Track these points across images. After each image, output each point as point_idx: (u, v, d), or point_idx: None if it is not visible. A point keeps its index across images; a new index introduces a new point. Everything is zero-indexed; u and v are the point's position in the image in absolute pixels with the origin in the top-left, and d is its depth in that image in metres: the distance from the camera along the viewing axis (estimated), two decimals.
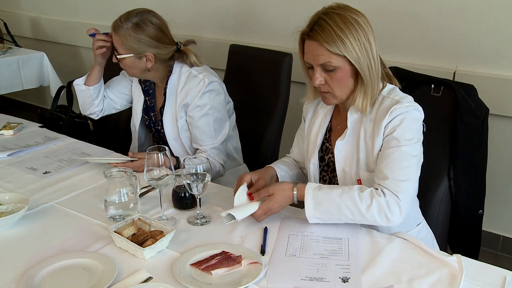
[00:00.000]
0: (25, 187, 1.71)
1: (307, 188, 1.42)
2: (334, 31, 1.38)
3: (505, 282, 1.19)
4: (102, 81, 2.09)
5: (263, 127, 2.27)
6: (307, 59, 1.46)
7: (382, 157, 1.43)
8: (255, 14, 3.07)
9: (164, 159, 1.46)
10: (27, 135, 2.21)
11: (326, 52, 1.39)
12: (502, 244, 2.66)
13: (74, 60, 4.25)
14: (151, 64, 1.89)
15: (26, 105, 4.76)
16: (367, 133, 1.48)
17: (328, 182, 1.62)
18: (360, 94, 1.45)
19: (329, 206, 1.39)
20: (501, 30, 2.31)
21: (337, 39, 1.38)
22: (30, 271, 1.22)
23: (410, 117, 1.42)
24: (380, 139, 1.45)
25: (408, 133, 1.41)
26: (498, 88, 2.34)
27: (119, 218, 1.47)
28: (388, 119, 1.42)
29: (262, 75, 2.32)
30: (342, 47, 1.38)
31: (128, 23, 1.82)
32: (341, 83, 1.45)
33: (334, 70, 1.42)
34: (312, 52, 1.43)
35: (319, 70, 1.43)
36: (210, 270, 1.22)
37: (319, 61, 1.41)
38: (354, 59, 1.40)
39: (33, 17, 4.41)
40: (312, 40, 1.41)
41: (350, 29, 1.39)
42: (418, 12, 2.49)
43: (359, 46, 1.40)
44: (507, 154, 2.48)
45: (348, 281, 1.20)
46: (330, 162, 1.60)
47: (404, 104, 1.42)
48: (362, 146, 1.49)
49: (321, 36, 1.38)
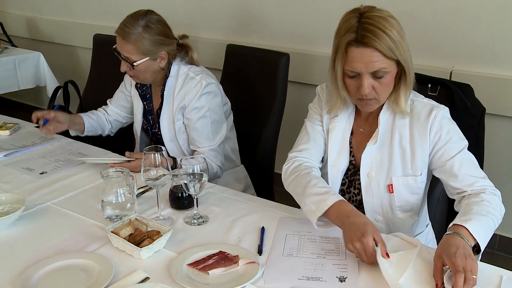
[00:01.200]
0: (22, 188, 1.70)
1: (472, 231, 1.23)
2: (386, 33, 1.30)
3: (501, 281, 1.19)
4: (89, 119, 2.14)
5: (260, 127, 2.27)
6: (356, 68, 1.34)
7: (454, 166, 1.40)
8: (252, 14, 3.07)
9: (161, 159, 1.46)
10: (24, 135, 2.21)
11: (381, 58, 1.32)
12: (498, 243, 2.67)
13: (71, 60, 4.24)
14: (164, 63, 1.90)
15: (22, 105, 4.74)
16: (403, 138, 1.45)
17: (348, 185, 1.57)
18: (403, 95, 1.41)
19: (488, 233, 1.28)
20: (497, 29, 2.32)
21: (390, 42, 1.31)
22: (27, 272, 1.22)
23: (450, 119, 1.44)
24: (424, 147, 1.43)
25: (460, 134, 1.43)
26: (494, 88, 2.35)
27: (116, 218, 1.47)
28: (433, 127, 1.41)
29: (259, 75, 2.32)
30: (396, 50, 1.32)
31: (137, 27, 1.80)
32: (387, 87, 1.40)
33: (384, 76, 1.35)
34: (364, 60, 1.32)
35: (369, 78, 1.35)
36: (207, 270, 1.22)
37: (373, 68, 1.33)
38: (404, 60, 1.35)
39: (29, 17, 4.40)
40: (364, 47, 1.31)
41: (396, 28, 1.32)
42: (414, 12, 2.49)
43: (405, 45, 1.35)
44: (503, 153, 2.49)
45: (345, 281, 1.20)
46: (350, 166, 1.55)
47: (440, 107, 1.42)
48: (397, 150, 1.45)
49: (375, 41, 1.29)
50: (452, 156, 1.41)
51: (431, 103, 1.45)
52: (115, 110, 2.22)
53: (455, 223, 1.25)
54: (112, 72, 2.17)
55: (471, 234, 1.21)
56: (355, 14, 1.35)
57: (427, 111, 1.43)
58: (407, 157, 1.45)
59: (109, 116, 2.23)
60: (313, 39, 2.82)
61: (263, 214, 1.54)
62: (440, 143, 1.42)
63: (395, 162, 1.46)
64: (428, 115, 1.42)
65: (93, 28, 3.24)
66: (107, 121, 2.23)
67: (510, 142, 2.46)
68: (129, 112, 2.22)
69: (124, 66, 1.87)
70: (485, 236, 1.25)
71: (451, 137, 1.41)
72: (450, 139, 1.41)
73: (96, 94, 2.85)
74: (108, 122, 2.23)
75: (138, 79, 1.94)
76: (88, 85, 2.98)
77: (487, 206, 1.31)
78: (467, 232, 1.22)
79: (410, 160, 1.44)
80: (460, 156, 1.40)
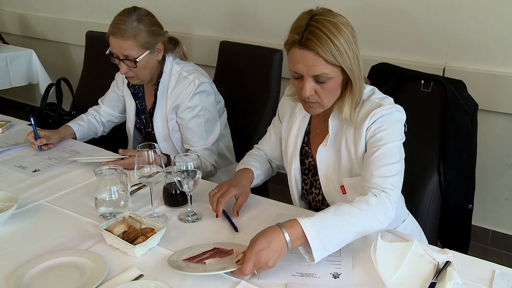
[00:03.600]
0: (14, 186, 1.70)
1: (307, 234, 1.19)
2: (330, 39, 1.27)
3: (493, 275, 1.20)
4: (79, 127, 2.14)
5: (254, 124, 2.27)
6: (298, 69, 1.34)
7: (367, 159, 1.38)
8: (246, 11, 3.07)
9: (154, 156, 1.45)
10: (16, 133, 2.19)
11: (322, 63, 1.30)
12: (491, 238, 2.69)
13: (63, 58, 4.22)
14: (161, 55, 1.91)
15: (14, 103, 4.72)
16: (348, 139, 1.44)
17: (310, 185, 1.59)
18: (348, 103, 1.40)
19: (334, 242, 1.23)
20: (490, 26, 2.33)
21: (334, 48, 1.28)
22: (20, 270, 1.21)
23: (392, 118, 1.39)
24: (362, 143, 1.41)
25: (392, 133, 1.37)
26: (487, 84, 2.36)
27: (109, 216, 1.46)
28: (369, 122, 1.38)
29: (252, 71, 2.32)
30: (339, 56, 1.29)
31: (132, 22, 1.79)
32: (331, 93, 1.38)
33: (327, 81, 1.34)
34: (306, 63, 1.31)
35: (311, 81, 1.34)
36: (203, 261, 1.24)
37: (315, 72, 1.31)
38: (349, 68, 1.33)
39: (21, 14, 4.37)
40: (306, 50, 1.29)
41: (343, 36, 1.30)
42: (407, 9, 2.50)
43: (352, 54, 1.32)
44: (495, 149, 2.50)
45: (339, 277, 1.21)
46: (310, 166, 1.58)
47: (386, 107, 1.38)
48: (344, 152, 1.45)
49: (317, 45, 1.27)
50: (370, 149, 1.37)
51: (380, 103, 1.40)
52: (108, 111, 2.21)
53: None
54: (104, 69, 2.16)
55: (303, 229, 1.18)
56: (307, 15, 1.33)
57: (368, 111, 1.39)
58: (352, 158, 1.44)
59: (102, 117, 2.22)
60: None
61: (257, 211, 1.54)
62: (369, 137, 1.39)
63: (343, 164, 1.46)
64: (367, 114, 1.38)
65: (86, 25, 3.22)
66: (99, 123, 2.22)
67: (502, 138, 2.48)
68: (121, 111, 2.22)
69: (125, 67, 1.84)
70: (320, 231, 1.19)
71: (384, 134, 1.36)
72: (382, 135, 1.36)
73: (89, 92, 2.84)
74: (101, 124, 2.23)
75: (138, 78, 1.91)
76: (81, 82, 2.96)
77: (350, 217, 1.24)
78: (298, 227, 1.19)
79: (355, 160, 1.43)
80: (375, 149, 1.36)
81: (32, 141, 1.97)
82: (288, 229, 1.20)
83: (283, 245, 1.19)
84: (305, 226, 1.19)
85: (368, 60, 2.29)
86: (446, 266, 1.21)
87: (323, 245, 1.19)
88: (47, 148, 2.00)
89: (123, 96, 2.15)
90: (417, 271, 1.21)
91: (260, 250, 1.17)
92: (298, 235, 1.19)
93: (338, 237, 1.22)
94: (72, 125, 2.14)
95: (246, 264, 1.16)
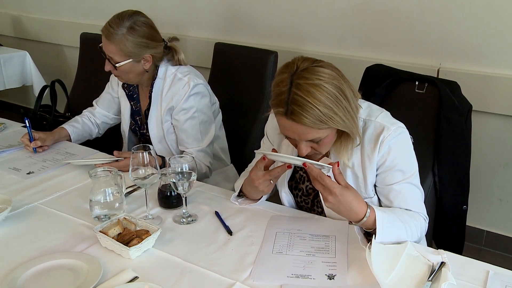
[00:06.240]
0: (8, 188, 1.69)
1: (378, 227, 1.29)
2: (316, 108, 1.22)
3: (488, 276, 1.21)
4: (74, 129, 2.14)
5: (249, 125, 2.27)
6: (290, 136, 1.33)
7: (391, 193, 1.42)
8: (241, 12, 3.07)
9: (149, 158, 1.45)
10: (10, 135, 2.19)
11: (313, 131, 1.27)
12: (485, 239, 2.70)
13: (58, 59, 4.20)
14: (149, 65, 1.88)
15: (8, 105, 4.70)
16: (355, 164, 1.44)
17: (311, 204, 1.58)
18: (346, 148, 1.39)
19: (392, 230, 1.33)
20: (484, 28, 2.34)
21: (322, 116, 1.23)
22: (14, 273, 1.21)
23: (402, 142, 1.41)
24: (373, 170, 1.42)
25: (409, 161, 1.42)
26: (480, 85, 2.37)
27: (104, 218, 1.46)
28: (380, 150, 1.39)
29: (247, 73, 2.32)
30: (329, 121, 1.25)
31: (122, 28, 1.78)
32: (328, 144, 1.37)
33: (321, 140, 1.32)
34: (296, 131, 1.29)
35: (305, 143, 1.33)
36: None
37: (307, 138, 1.30)
38: (343, 126, 1.30)
39: (15, 16, 4.35)
40: (294, 122, 1.25)
41: (329, 97, 1.23)
42: (402, 10, 2.51)
43: (342, 110, 1.26)
44: (489, 149, 2.51)
45: (334, 278, 1.21)
46: (309, 190, 1.56)
47: (391, 130, 1.38)
48: (350, 176, 1.45)
49: (304, 117, 1.23)
50: (392, 183, 1.41)
51: (383, 124, 1.40)
52: (103, 112, 2.21)
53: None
54: (99, 71, 2.15)
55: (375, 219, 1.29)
56: (288, 76, 1.25)
57: (377, 134, 1.39)
58: (360, 182, 1.45)
59: (96, 118, 2.22)
60: (301, 37, 2.83)
61: (252, 212, 1.54)
62: (384, 167, 1.41)
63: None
64: (377, 138, 1.39)
65: (80, 26, 3.22)
66: (93, 125, 2.22)
67: (496, 138, 2.49)
68: (116, 113, 2.21)
69: (108, 65, 1.86)
70: (383, 227, 1.29)
71: (396, 165, 1.40)
72: (395, 166, 1.40)
73: (83, 93, 2.83)
74: (95, 126, 2.22)
75: (122, 79, 1.93)
76: (75, 84, 2.96)
77: (408, 216, 1.38)
78: (373, 215, 1.30)
79: (363, 184, 1.45)
80: (400, 185, 1.41)
81: (26, 143, 1.96)
82: (371, 213, 1.30)
83: (355, 215, 1.30)
84: (378, 221, 1.29)
85: (363, 61, 2.30)
86: (441, 267, 1.21)
87: (381, 241, 1.29)
88: (42, 150, 1.99)
89: (118, 98, 2.15)
90: (411, 272, 1.21)
91: (342, 195, 1.26)
92: (369, 225, 1.31)
93: (395, 239, 1.33)
94: (66, 127, 2.13)
95: (330, 182, 1.26)
